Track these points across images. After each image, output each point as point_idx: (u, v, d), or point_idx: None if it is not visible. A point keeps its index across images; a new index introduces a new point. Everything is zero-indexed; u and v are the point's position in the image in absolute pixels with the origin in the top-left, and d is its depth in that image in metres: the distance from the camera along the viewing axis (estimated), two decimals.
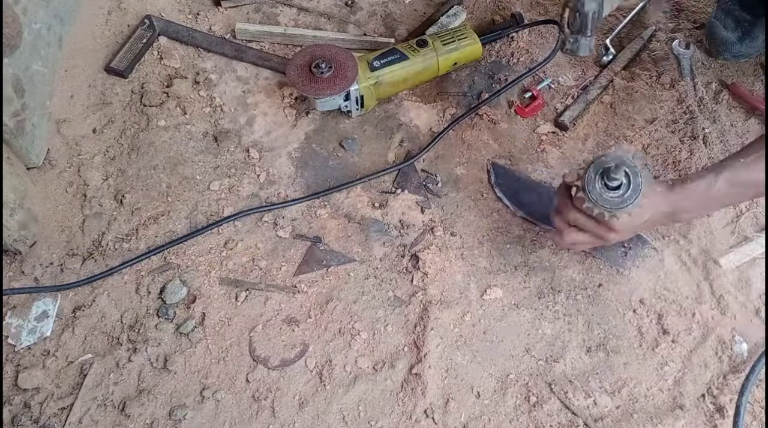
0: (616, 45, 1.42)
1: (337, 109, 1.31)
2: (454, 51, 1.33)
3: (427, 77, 1.36)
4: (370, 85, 1.28)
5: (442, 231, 1.20)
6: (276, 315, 1.11)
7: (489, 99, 1.34)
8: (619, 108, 1.35)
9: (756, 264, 1.16)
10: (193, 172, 1.26)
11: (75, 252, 1.16)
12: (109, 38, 1.40)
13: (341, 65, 1.26)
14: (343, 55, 1.28)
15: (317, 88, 1.24)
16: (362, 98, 1.30)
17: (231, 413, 1.02)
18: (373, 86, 1.29)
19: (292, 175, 1.27)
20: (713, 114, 1.32)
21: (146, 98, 1.33)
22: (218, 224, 1.19)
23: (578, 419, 1.02)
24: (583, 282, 1.15)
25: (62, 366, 1.05)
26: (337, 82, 1.25)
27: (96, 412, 1.02)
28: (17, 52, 1.14)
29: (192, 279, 1.13)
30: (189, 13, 1.48)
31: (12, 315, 1.09)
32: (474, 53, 1.36)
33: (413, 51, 1.31)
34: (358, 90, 1.27)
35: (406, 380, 1.05)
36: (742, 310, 1.12)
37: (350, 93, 1.27)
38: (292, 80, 1.25)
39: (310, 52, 1.28)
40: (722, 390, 1.05)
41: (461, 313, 1.11)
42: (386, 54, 1.31)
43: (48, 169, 1.23)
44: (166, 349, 1.07)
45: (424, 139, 1.32)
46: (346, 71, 1.26)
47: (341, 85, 1.25)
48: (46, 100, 1.24)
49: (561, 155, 1.30)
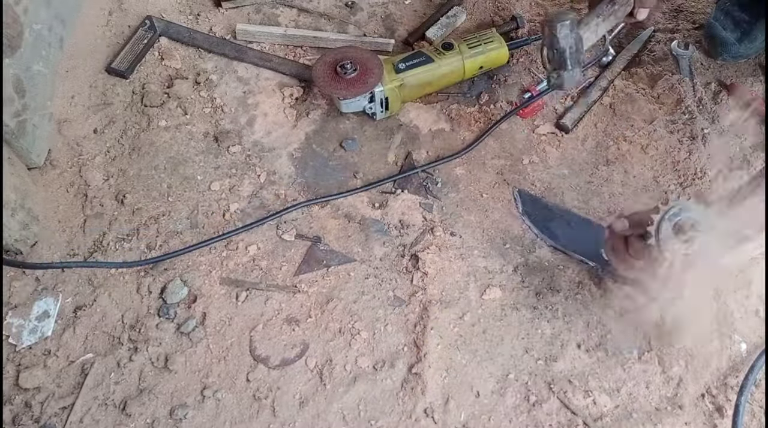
0: (615, 46, 1.42)
1: (361, 110, 1.31)
2: (480, 55, 1.33)
3: (452, 80, 1.36)
4: (395, 87, 1.29)
5: (442, 231, 1.20)
6: (276, 315, 1.11)
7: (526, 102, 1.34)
8: (618, 108, 1.35)
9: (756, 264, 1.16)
10: (193, 172, 1.26)
11: (76, 252, 1.16)
12: (110, 39, 1.40)
13: (366, 66, 1.27)
14: (369, 57, 1.29)
15: (341, 88, 1.24)
16: (387, 100, 1.30)
17: (231, 412, 1.02)
18: (398, 88, 1.29)
19: (292, 175, 1.27)
20: (712, 114, 1.32)
21: (147, 99, 1.33)
22: (232, 234, 1.18)
23: (578, 418, 1.02)
24: (582, 281, 1.15)
25: (63, 366, 1.06)
26: (361, 83, 1.25)
27: (97, 412, 1.02)
28: (18, 52, 1.14)
29: (193, 279, 1.14)
30: (190, 14, 1.48)
31: (13, 314, 1.09)
32: (500, 58, 1.36)
33: (439, 54, 1.32)
34: (383, 92, 1.28)
35: (406, 379, 1.05)
36: (741, 310, 1.12)
37: (375, 94, 1.28)
38: (318, 81, 1.26)
39: (336, 53, 1.29)
40: (721, 389, 1.05)
41: (461, 313, 1.12)
42: (412, 57, 1.31)
43: (49, 169, 1.23)
44: (167, 349, 1.07)
45: (424, 140, 1.33)
46: (371, 73, 1.26)
47: (365, 87, 1.25)
48: (47, 100, 1.24)
49: (561, 155, 1.30)
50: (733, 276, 1.14)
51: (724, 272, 1.00)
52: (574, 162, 1.29)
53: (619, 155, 1.29)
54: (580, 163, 1.29)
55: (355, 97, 1.26)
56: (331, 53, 1.30)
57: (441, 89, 1.38)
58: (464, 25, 1.49)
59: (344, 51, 1.30)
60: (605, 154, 1.30)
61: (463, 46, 1.33)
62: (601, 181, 1.26)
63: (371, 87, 1.25)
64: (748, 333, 1.10)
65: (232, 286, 1.14)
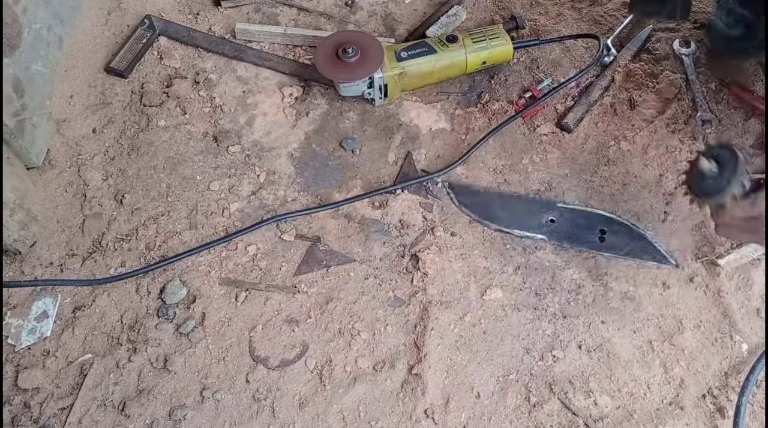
0: (616, 45, 1.42)
1: (360, 95, 1.31)
2: (483, 50, 1.33)
3: (453, 73, 1.36)
4: (395, 75, 1.29)
5: (442, 231, 1.20)
6: (276, 316, 1.11)
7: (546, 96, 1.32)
8: (618, 108, 1.35)
9: (756, 264, 1.16)
10: (193, 172, 1.26)
11: (75, 252, 1.16)
12: (109, 38, 1.40)
13: (367, 51, 1.26)
14: (371, 42, 1.28)
15: (341, 71, 1.24)
16: (386, 87, 1.30)
17: (231, 413, 1.02)
18: (398, 76, 1.29)
19: (291, 175, 1.27)
20: (713, 113, 1.32)
21: (146, 98, 1.33)
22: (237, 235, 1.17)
23: (578, 419, 1.02)
24: (583, 282, 1.15)
25: (62, 367, 1.05)
26: (361, 67, 1.25)
27: (96, 412, 1.02)
28: (17, 52, 1.14)
29: (192, 280, 1.13)
30: (189, 13, 1.48)
31: (12, 315, 1.09)
32: (504, 55, 1.35)
33: (442, 46, 1.32)
34: (382, 78, 1.28)
35: (406, 380, 1.05)
36: (742, 310, 1.12)
37: (374, 80, 1.27)
38: (318, 62, 1.26)
39: (339, 36, 1.29)
40: (723, 390, 1.05)
41: (461, 313, 1.11)
42: (415, 46, 1.31)
43: (48, 169, 1.23)
44: (166, 349, 1.07)
45: (424, 139, 1.32)
46: (372, 58, 1.26)
47: (365, 71, 1.25)
48: (45, 100, 1.24)
49: (561, 155, 1.30)
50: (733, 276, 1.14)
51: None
52: (574, 162, 1.29)
53: (619, 155, 1.29)
54: (581, 162, 1.29)
55: (353, 82, 1.26)
56: (334, 36, 1.30)
57: (441, 81, 1.38)
58: (464, 24, 1.48)
59: (347, 34, 1.29)
60: (606, 153, 1.29)
61: (467, 39, 1.33)
62: (602, 181, 1.26)
63: (371, 72, 1.25)
64: (749, 333, 1.10)
65: (232, 287, 1.14)
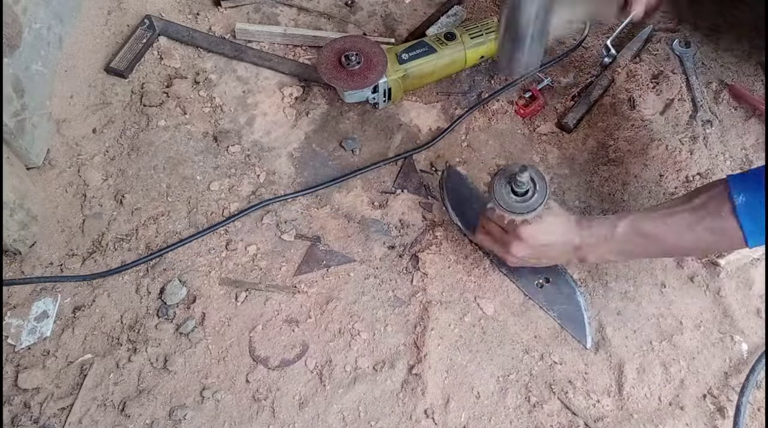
0: (616, 45, 1.42)
1: (364, 100, 1.32)
2: (481, 45, 1.33)
3: (454, 70, 1.37)
4: (398, 78, 1.29)
5: (442, 231, 1.20)
6: (276, 316, 1.11)
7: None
8: (619, 108, 1.35)
9: (756, 264, 1.16)
10: (193, 172, 1.26)
11: (75, 252, 1.16)
12: (109, 38, 1.40)
13: (371, 58, 1.27)
14: (373, 48, 1.28)
15: (347, 80, 1.25)
16: (389, 91, 1.30)
17: (231, 413, 1.02)
18: (401, 79, 1.30)
19: (292, 175, 1.27)
20: (713, 113, 1.32)
21: (146, 98, 1.33)
22: (222, 224, 1.18)
23: (578, 419, 1.02)
24: (583, 282, 1.15)
25: (62, 367, 1.05)
26: (366, 75, 1.25)
27: (96, 412, 1.02)
28: (17, 52, 1.14)
29: (192, 280, 1.13)
30: (189, 13, 1.48)
31: (12, 315, 1.09)
32: None
33: (441, 44, 1.32)
34: (386, 83, 1.28)
35: (406, 380, 1.05)
36: (742, 310, 1.12)
37: (379, 86, 1.28)
38: (322, 70, 1.26)
39: (341, 43, 1.29)
40: (722, 390, 1.05)
41: (461, 314, 1.11)
42: (414, 47, 1.32)
43: (48, 169, 1.23)
44: (166, 349, 1.07)
45: (424, 139, 1.32)
46: (376, 65, 1.26)
47: (370, 79, 1.25)
48: (45, 100, 1.24)
49: (561, 155, 1.30)
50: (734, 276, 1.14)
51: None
52: (574, 161, 1.29)
53: (620, 155, 1.29)
54: (581, 162, 1.29)
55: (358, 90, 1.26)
56: (337, 42, 1.30)
57: (442, 78, 1.39)
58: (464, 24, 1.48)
59: (350, 40, 1.29)
60: (606, 153, 1.29)
61: (465, 36, 1.33)
62: (602, 181, 1.26)
63: (376, 80, 1.26)
64: (749, 333, 1.10)
65: (232, 287, 1.14)
